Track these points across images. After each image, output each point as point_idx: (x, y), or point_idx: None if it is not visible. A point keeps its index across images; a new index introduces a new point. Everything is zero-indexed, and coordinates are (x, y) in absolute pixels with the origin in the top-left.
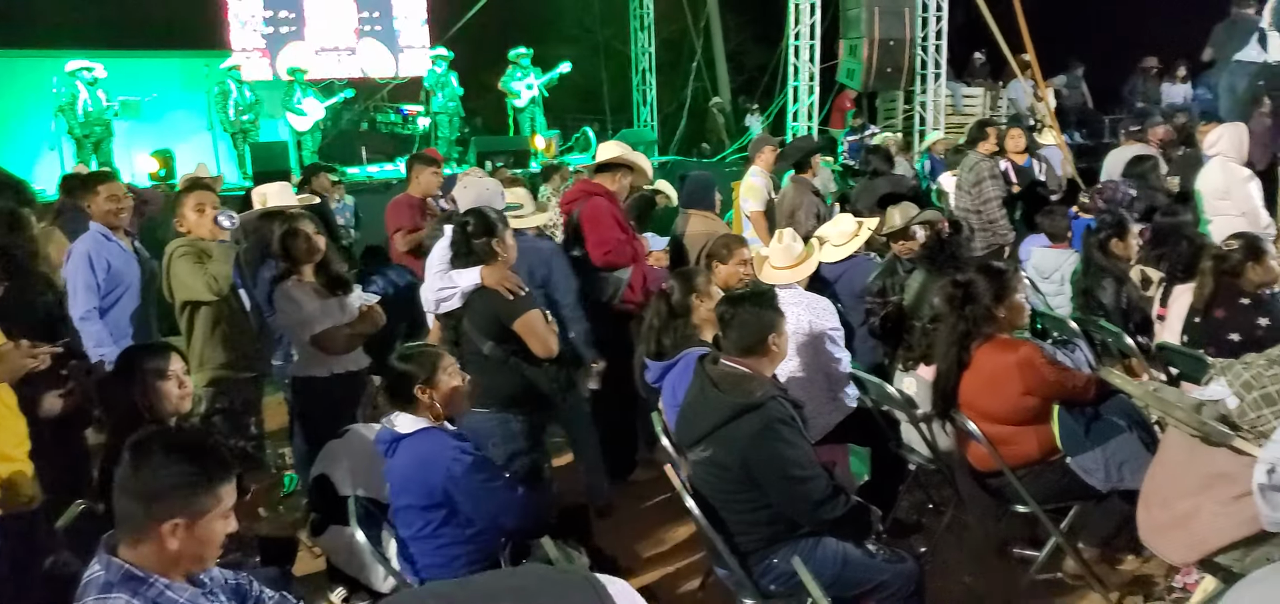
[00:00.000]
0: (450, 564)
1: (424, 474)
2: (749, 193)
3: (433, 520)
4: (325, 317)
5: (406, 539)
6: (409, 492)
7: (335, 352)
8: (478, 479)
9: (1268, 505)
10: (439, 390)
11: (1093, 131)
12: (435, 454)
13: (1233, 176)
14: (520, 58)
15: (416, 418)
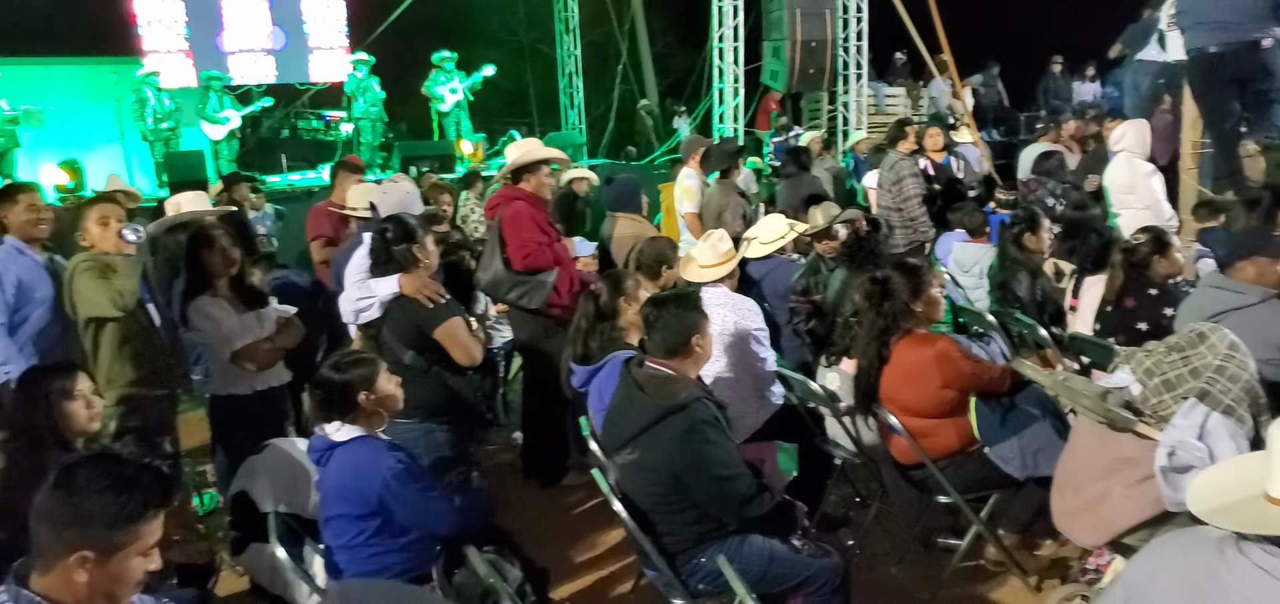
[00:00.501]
0: (382, 574)
1: (359, 482)
2: (685, 195)
3: (365, 529)
4: (244, 332)
5: (337, 549)
6: (343, 500)
7: (257, 367)
8: (414, 488)
9: (1169, 487)
10: (380, 395)
11: (1009, 129)
12: (371, 462)
13: (1137, 171)
14: (444, 61)
15: (352, 426)
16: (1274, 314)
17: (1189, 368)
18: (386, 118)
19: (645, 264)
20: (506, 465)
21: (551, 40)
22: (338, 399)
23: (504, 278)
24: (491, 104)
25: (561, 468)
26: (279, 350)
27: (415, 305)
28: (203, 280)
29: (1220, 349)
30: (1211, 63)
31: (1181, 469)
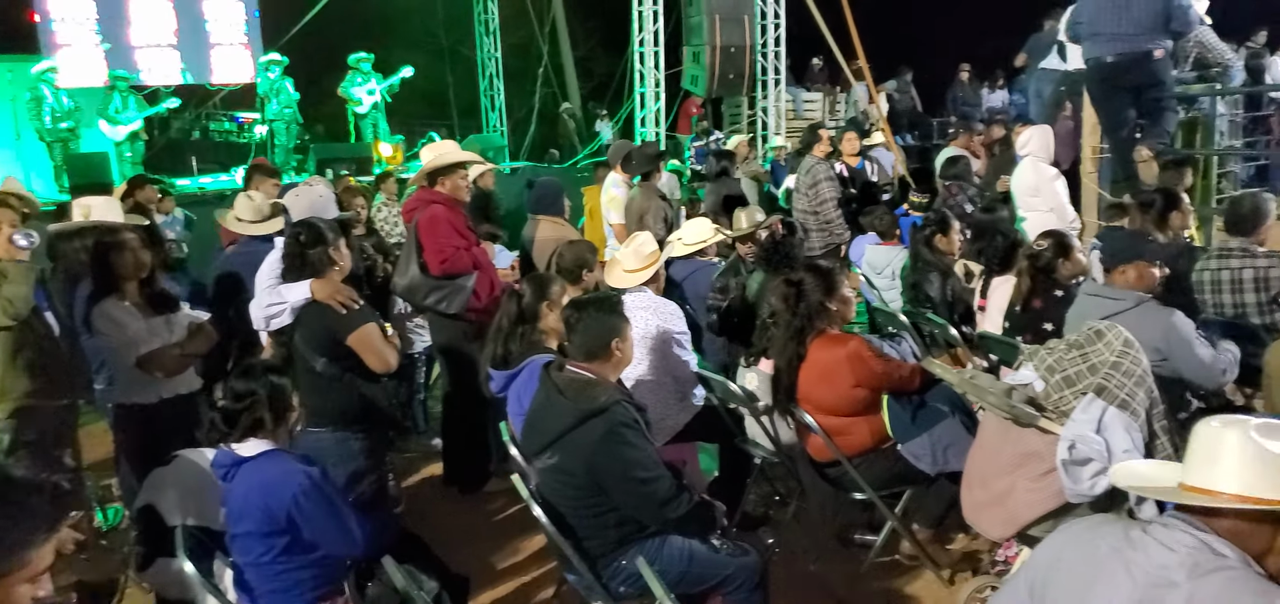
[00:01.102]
0: (293, 591)
1: (267, 499)
2: (611, 205)
3: (275, 546)
4: (152, 337)
5: (245, 566)
6: (250, 517)
7: (165, 373)
8: (324, 506)
9: (1070, 479)
10: (294, 412)
11: (922, 134)
12: (281, 478)
13: (1042, 175)
14: (360, 63)
15: (260, 440)
16: (1148, 316)
17: (1088, 364)
18: (301, 120)
19: (565, 267)
20: (427, 473)
21: (472, 42)
22: (245, 412)
23: (421, 283)
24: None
25: (483, 474)
26: (189, 357)
27: (328, 311)
28: (110, 284)
29: (1115, 346)
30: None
31: (1081, 462)
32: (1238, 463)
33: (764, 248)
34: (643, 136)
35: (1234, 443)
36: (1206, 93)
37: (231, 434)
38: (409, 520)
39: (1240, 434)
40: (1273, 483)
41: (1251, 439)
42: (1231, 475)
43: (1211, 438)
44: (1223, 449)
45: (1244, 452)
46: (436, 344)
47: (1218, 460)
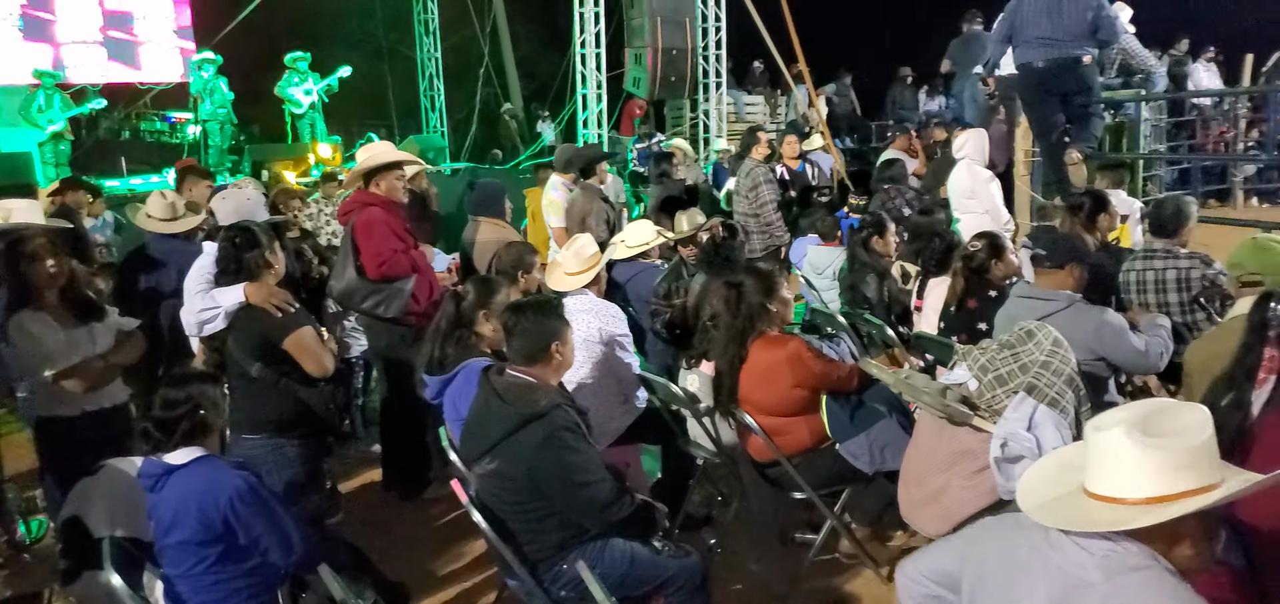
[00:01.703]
0: (226, 601)
1: (201, 505)
2: (551, 209)
3: (208, 556)
4: (71, 349)
5: (177, 578)
6: (183, 526)
7: (87, 386)
8: (261, 510)
9: (1002, 476)
10: (223, 420)
11: (861, 137)
12: (216, 484)
13: (977, 178)
14: (297, 62)
15: (192, 448)
16: (1079, 316)
17: (1019, 364)
18: (236, 120)
19: (503, 268)
20: (365, 479)
21: (412, 42)
22: (181, 419)
23: (357, 286)
24: (349, 106)
25: (422, 480)
26: (115, 368)
27: (263, 315)
28: (25, 294)
29: (1046, 345)
30: (1038, 77)
31: (1013, 459)
32: (1133, 466)
33: (705, 250)
34: (585, 138)
35: (1123, 446)
36: (1133, 98)
37: (167, 443)
38: (347, 528)
39: (1124, 435)
40: (1170, 479)
41: (1138, 440)
42: (1129, 480)
43: (1103, 443)
44: (1113, 453)
45: (1131, 453)
46: (373, 348)
47: (1115, 465)
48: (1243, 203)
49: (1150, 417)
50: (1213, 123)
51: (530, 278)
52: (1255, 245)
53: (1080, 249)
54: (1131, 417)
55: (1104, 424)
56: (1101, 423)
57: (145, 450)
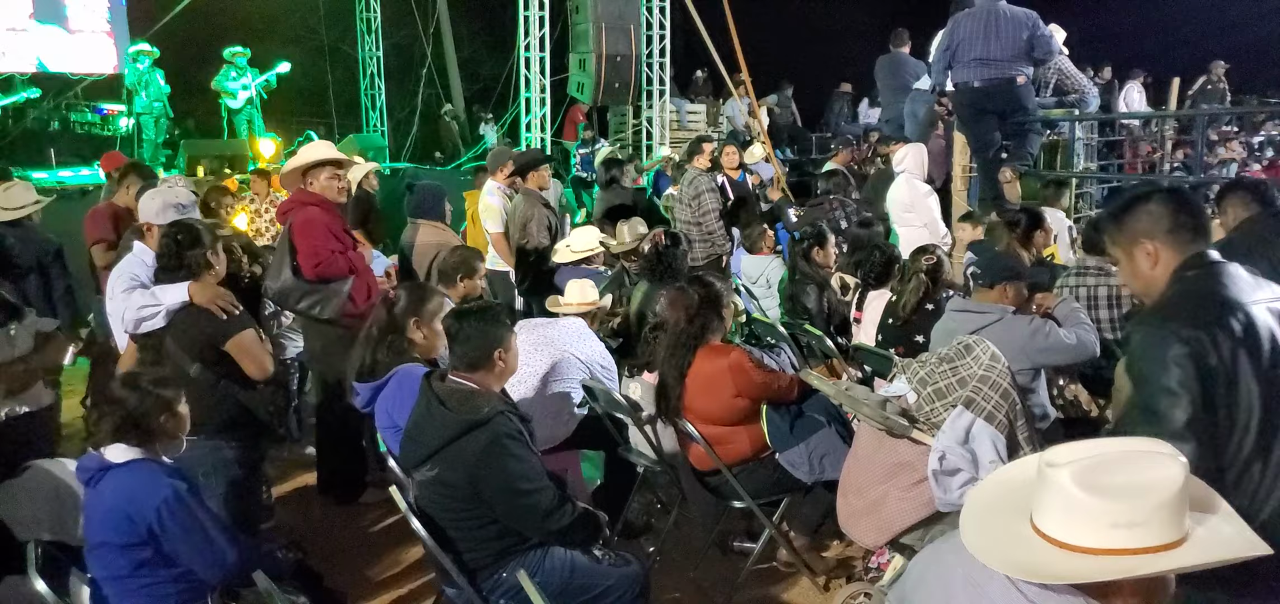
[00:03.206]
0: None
1: (130, 509)
2: (488, 214)
3: (135, 559)
4: None
5: (104, 580)
6: (111, 528)
7: (6, 391)
8: (189, 522)
9: (940, 489)
10: (176, 421)
11: (801, 148)
12: (146, 488)
13: (916, 191)
14: (236, 57)
15: (133, 448)
16: (1010, 328)
17: (957, 377)
18: (171, 114)
19: (447, 270)
20: (300, 482)
21: (353, 39)
22: (135, 421)
23: (293, 287)
24: (288, 103)
25: (359, 484)
26: (36, 371)
27: (204, 316)
28: None
29: (984, 360)
30: (975, 96)
31: (950, 472)
32: (1084, 513)
33: (647, 259)
34: (528, 142)
35: (1074, 491)
36: (1067, 118)
37: (119, 438)
38: (280, 532)
39: (1071, 479)
40: (1122, 533)
41: (1091, 486)
42: (1080, 528)
43: (1055, 481)
44: (1064, 495)
45: (1084, 500)
46: (309, 349)
47: (1065, 508)
48: None
49: (1107, 462)
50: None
51: (471, 283)
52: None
53: (1015, 267)
54: (1080, 456)
55: (1057, 461)
56: (1048, 458)
57: (99, 439)
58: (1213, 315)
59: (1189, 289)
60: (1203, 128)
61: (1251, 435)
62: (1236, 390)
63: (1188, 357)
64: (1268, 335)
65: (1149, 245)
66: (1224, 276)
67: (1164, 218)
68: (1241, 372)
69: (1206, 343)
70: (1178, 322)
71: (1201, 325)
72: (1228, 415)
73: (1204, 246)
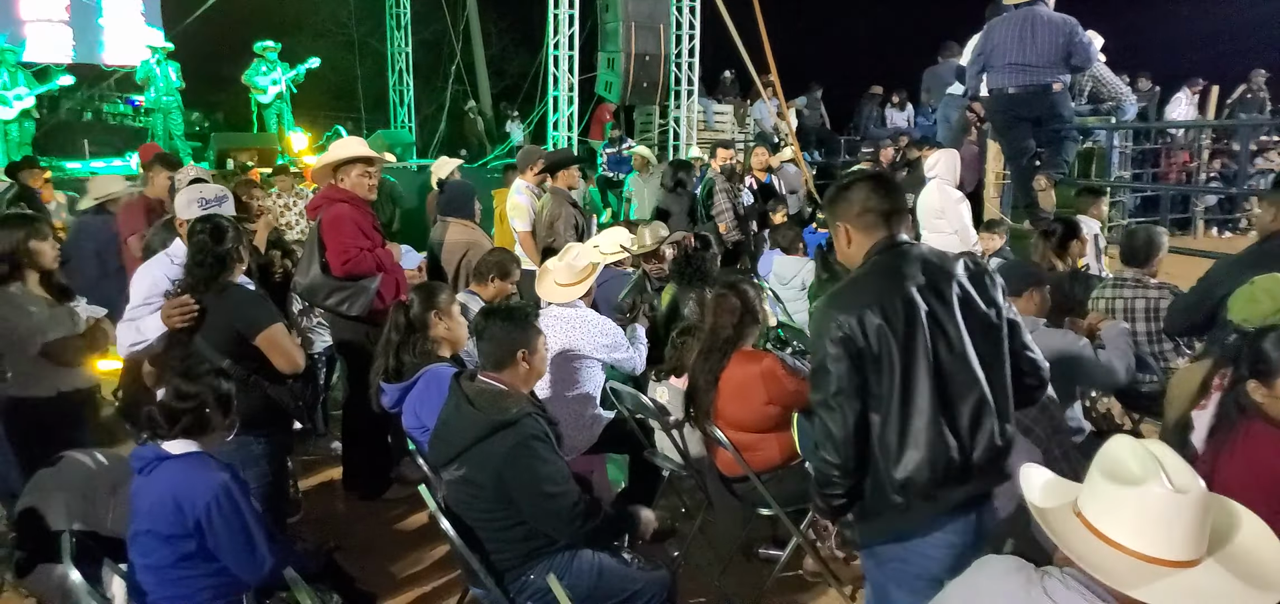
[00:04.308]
0: (191, 598)
1: (180, 501)
2: (515, 212)
3: (178, 551)
4: (56, 326)
5: (143, 569)
6: (159, 517)
7: (67, 364)
8: (235, 522)
9: None
10: (235, 415)
11: (829, 150)
12: (200, 483)
13: (947, 197)
14: (266, 51)
15: (190, 442)
16: (1042, 340)
17: None
18: (183, 106)
19: (478, 270)
20: (326, 476)
21: (382, 35)
22: (184, 413)
23: (322, 283)
24: (317, 98)
25: (384, 481)
26: (87, 350)
27: (235, 311)
28: (13, 271)
29: None
30: (1009, 102)
31: None
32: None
33: (677, 262)
34: (555, 140)
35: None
36: (1104, 126)
37: (168, 432)
38: (306, 527)
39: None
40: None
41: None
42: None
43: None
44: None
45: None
46: (337, 345)
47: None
48: (1203, 232)
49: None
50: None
51: (503, 284)
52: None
53: (1038, 274)
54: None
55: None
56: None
57: (144, 438)
58: (868, 300)
59: (864, 272)
60: (1245, 138)
61: (895, 403)
62: (880, 366)
63: (839, 340)
64: (923, 315)
65: (844, 227)
66: (899, 261)
67: (855, 203)
68: (885, 350)
69: (856, 328)
70: (837, 307)
71: (854, 311)
72: (876, 384)
73: (892, 231)
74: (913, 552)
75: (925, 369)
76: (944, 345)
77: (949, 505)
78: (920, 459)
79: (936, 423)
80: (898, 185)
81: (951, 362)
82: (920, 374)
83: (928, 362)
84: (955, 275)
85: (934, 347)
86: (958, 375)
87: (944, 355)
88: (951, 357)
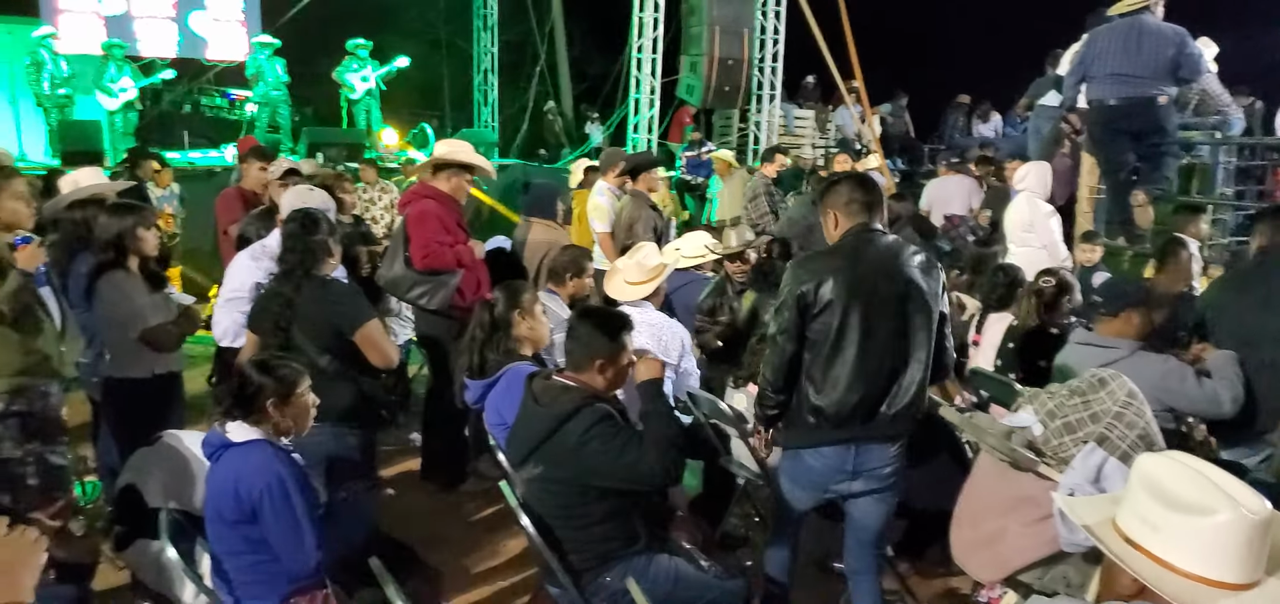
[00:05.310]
0: (268, 583)
1: (240, 485)
2: (595, 213)
3: (245, 537)
4: (154, 312)
5: (222, 555)
6: (223, 503)
7: (163, 349)
8: (286, 512)
9: (1066, 528)
10: (293, 409)
11: (913, 159)
12: (257, 469)
13: (1037, 211)
14: (358, 49)
15: (252, 428)
16: (1143, 365)
17: (1089, 412)
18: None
19: (554, 270)
20: (403, 467)
21: (468, 35)
22: (248, 398)
23: (405, 276)
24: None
25: (460, 473)
26: (182, 335)
27: (334, 306)
28: (119, 257)
29: (1119, 396)
30: (1110, 114)
31: None
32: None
33: (757, 268)
34: (635, 143)
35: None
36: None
37: (242, 415)
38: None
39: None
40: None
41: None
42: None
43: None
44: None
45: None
46: (420, 338)
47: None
48: None
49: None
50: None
51: (580, 282)
52: None
53: (1139, 294)
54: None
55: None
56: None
57: (217, 413)
58: (826, 272)
59: (835, 248)
60: None
61: (825, 349)
62: (823, 316)
63: (797, 296)
64: (866, 290)
65: (832, 213)
66: (863, 245)
67: (842, 195)
68: (828, 310)
69: (811, 291)
70: (805, 270)
71: (814, 278)
72: (815, 333)
73: (869, 220)
74: (808, 459)
75: (857, 331)
76: (878, 316)
77: (844, 437)
78: (836, 397)
79: (856, 372)
80: (876, 185)
81: (882, 329)
82: (852, 334)
83: (860, 326)
84: (906, 264)
85: (868, 315)
86: (884, 340)
87: (877, 323)
88: (883, 325)
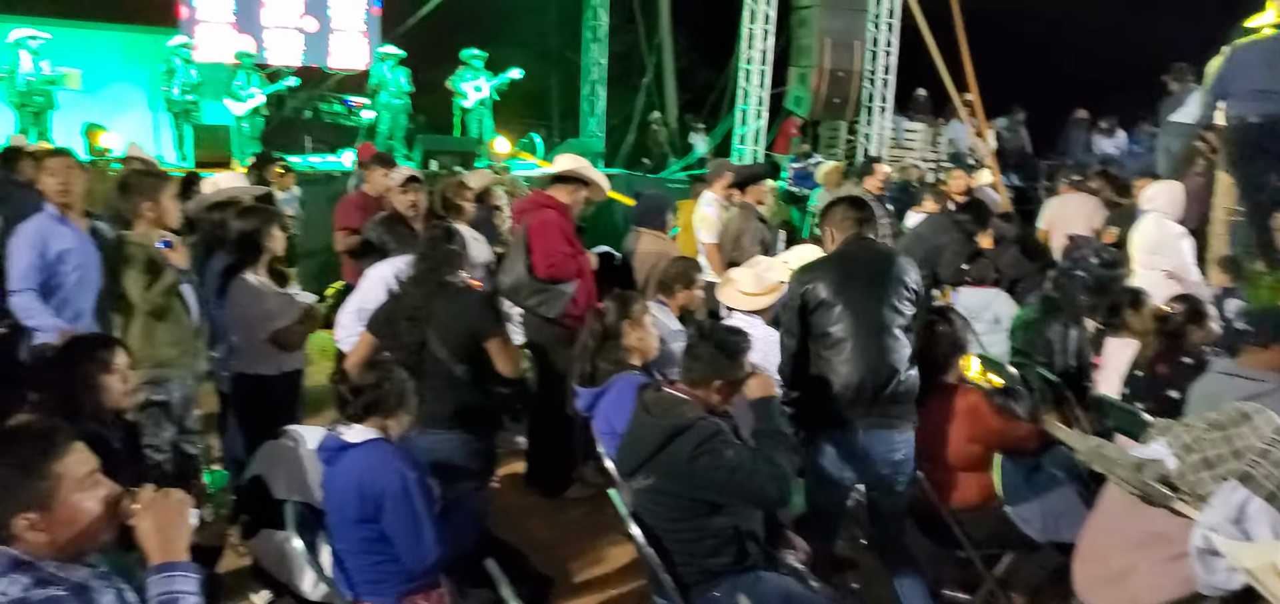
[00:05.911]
0: (387, 581)
1: (364, 484)
2: (702, 224)
3: (367, 536)
4: (283, 312)
5: (343, 553)
6: (346, 503)
7: (290, 348)
8: (408, 511)
9: (1204, 569)
10: (407, 411)
11: (1028, 175)
12: (380, 468)
13: (1166, 232)
14: (473, 58)
15: (369, 429)
16: None
17: (1231, 448)
18: (410, 110)
19: (664, 282)
20: (509, 470)
21: (578, 46)
22: (374, 403)
23: (525, 283)
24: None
25: (566, 479)
26: (306, 334)
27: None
28: (251, 258)
29: (1266, 432)
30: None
31: (1218, 552)
32: None
33: None
34: (741, 154)
35: None
36: None
37: (364, 415)
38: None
39: None
40: None
41: None
42: None
43: None
44: None
45: None
46: (529, 345)
47: None
48: None
49: None
50: None
51: (690, 294)
52: None
53: None
54: None
55: None
56: None
57: (337, 413)
58: (822, 277)
59: (831, 255)
60: None
61: (831, 336)
62: (821, 312)
63: (794, 295)
64: (856, 291)
65: (829, 231)
66: (857, 250)
67: (838, 213)
68: (824, 301)
69: (811, 292)
70: (807, 274)
71: (812, 282)
72: (817, 323)
73: (859, 231)
74: (830, 445)
75: (848, 326)
76: (866, 312)
77: (855, 425)
78: (841, 381)
79: (852, 360)
80: (869, 204)
81: (870, 323)
82: (846, 329)
83: (850, 321)
84: (894, 268)
85: (858, 313)
86: (871, 333)
87: (866, 320)
88: (872, 320)
